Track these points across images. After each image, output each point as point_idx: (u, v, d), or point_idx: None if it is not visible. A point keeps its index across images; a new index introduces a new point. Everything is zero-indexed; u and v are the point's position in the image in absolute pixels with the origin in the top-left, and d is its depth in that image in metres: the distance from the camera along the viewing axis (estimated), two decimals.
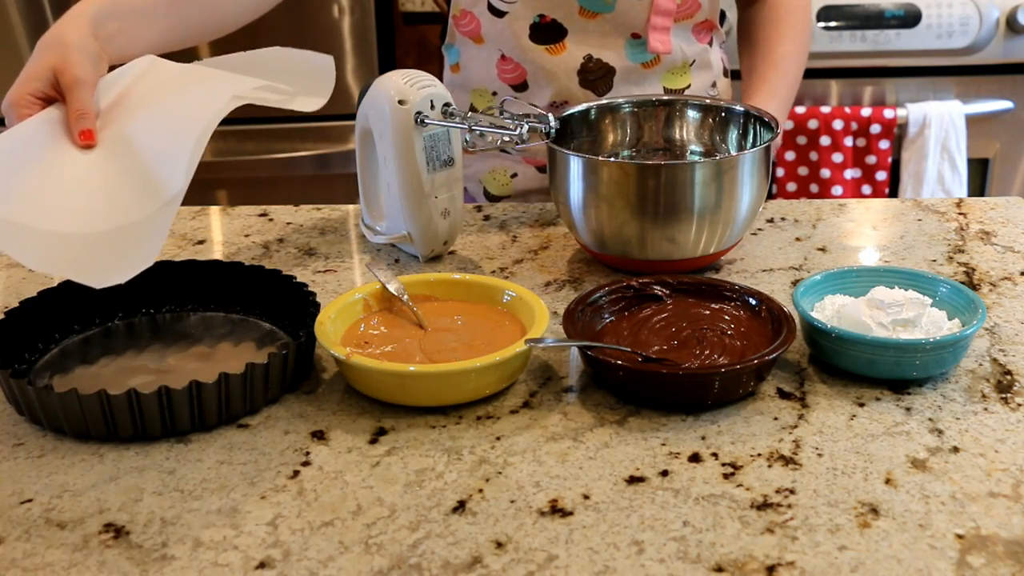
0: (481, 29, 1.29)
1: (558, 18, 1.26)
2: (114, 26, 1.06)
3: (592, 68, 1.28)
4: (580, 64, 1.28)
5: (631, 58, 1.28)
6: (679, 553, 0.70)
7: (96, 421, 0.82)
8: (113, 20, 1.06)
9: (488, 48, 1.31)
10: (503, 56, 1.30)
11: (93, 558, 0.71)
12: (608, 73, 1.29)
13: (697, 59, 1.33)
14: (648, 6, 1.26)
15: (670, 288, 0.99)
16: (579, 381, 0.91)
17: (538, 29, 1.27)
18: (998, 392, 0.88)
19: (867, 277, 0.99)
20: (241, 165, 2.29)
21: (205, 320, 1.01)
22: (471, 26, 1.30)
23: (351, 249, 1.20)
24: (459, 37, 1.33)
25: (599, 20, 1.26)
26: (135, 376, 0.91)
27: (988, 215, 1.26)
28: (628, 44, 1.28)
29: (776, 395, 0.88)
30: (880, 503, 0.74)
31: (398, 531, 0.73)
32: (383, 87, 1.09)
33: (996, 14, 2.22)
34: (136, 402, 0.81)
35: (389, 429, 0.85)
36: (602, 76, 1.29)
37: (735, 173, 1.05)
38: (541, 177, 1.36)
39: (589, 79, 1.29)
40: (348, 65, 2.27)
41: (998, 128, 2.31)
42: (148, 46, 1.11)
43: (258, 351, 0.95)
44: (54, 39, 1.01)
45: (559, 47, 1.27)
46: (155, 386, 0.81)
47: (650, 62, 1.29)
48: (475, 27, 1.30)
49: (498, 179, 1.37)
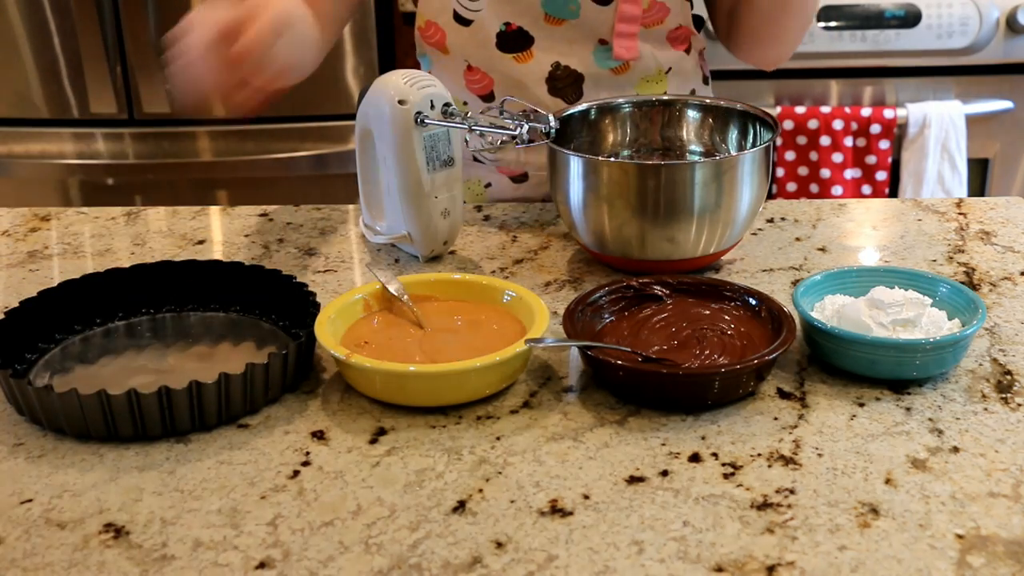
0: (446, 39, 1.28)
1: (524, 25, 1.25)
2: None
3: (560, 75, 1.27)
4: (548, 72, 1.26)
5: (599, 64, 1.27)
6: (679, 553, 0.70)
7: (96, 421, 0.82)
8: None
9: (454, 58, 1.29)
10: (469, 66, 1.29)
11: (93, 558, 0.71)
12: (577, 80, 1.27)
13: (674, 66, 1.31)
14: (613, 13, 1.24)
15: (670, 288, 0.99)
16: (579, 381, 0.91)
17: (504, 37, 1.26)
18: (998, 392, 0.88)
19: (867, 277, 0.99)
20: (241, 165, 2.29)
21: (205, 320, 1.01)
22: (436, 37, 1.29)
23: (351, 249, 1.20)
24: (427, 48, 1.33)
25: (565, 27, 1.25)
26: (135, 376, 0.91)
27: (988, 215, 1.26)
28: (596, 51, 1.26)
29: (776, 395, 0.88)
30: (880, 503, 0.74)
31: (398, 531, 0.73)
32: (383, 87, 1.09)
33: (996, 14, 2.22)
34: (136, 402, 0.81)
35: (389, 429, 0.85)
36: (571, 83, 1.27)
37: (735, 173, 1.05)
38: (515, 188, 1.35)
39: (558, 86, 1.27)
40: (348, 65, 2.27)
41: (998, 128, 2.31)
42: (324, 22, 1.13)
43: (258, 351, 0.95)
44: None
45: (526, 55, 1.26)
46: (155, 386, 0.81)
47: (619, 67, 1.28)
48: (440, 38, 1.29)
49: (472, 188, 1.36)
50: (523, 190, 1.35)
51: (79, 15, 2.21)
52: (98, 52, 2.23)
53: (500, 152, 1.32)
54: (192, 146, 2.30)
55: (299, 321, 0.94)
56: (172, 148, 2.30)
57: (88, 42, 2.23)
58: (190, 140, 2.30)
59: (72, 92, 2.27)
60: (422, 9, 1.29)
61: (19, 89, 2.28)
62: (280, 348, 0.87)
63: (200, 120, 2.29)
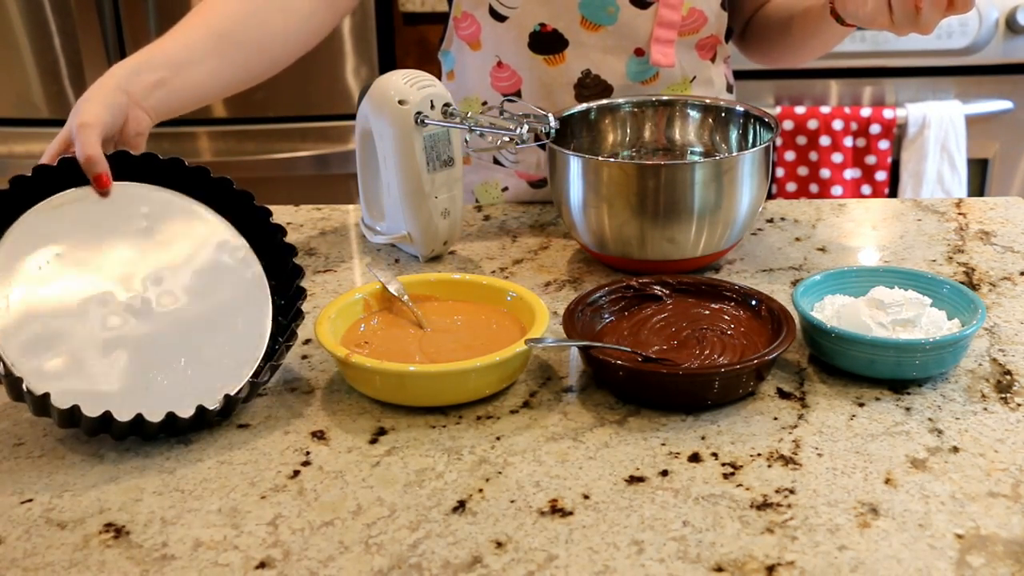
0: (480, 33, 1.28)
1: (559, 28, 1.25)
2: (151, 77, 1.06)
3: (589, 83, 1.26)
4: (577, 78, 1.26)
5: (631, 76, 1.26)
6: (679, 553, 0.70)
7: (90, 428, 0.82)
8: (148, 72, 1.07)
9: (484, 54, 1.29)
10: (499, 63, 1.28)
11: (93, 558, 0.71)
12: (605, 90, 1.26)
13: (698, 75, 1.31)
14: (652, 18, 1.23)
15: (670, 288, 0.99)
16: (579, 381, 0.91)
17: (538, 38, 1.25)
18: (998, 392, 0.88)
19: (867, 277, 0.99)
20: (241, 165, 2.29)
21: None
22: (471, 29, 1.29)
23: (351, 249, 1.20)
24: (456, 42, 1.32)
25: (601, 33, 1.24)
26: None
27: (988, 215, 1.26)
28: (631, 61, 1.25)
29: (776, 395, 0.88)
30: (880, 503, 0.74)
31: (398, 531, 0.73)
32: (383, 87, 1.09)
33: (996, 14, 2.22)
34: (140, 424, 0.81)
35: (389, 429, 0.85)
36: (599, 92, 1.26)
37: (735, 173, 1.05)
38: (532, 192, 1.35)
39: (585, 94, 1.26)
40: (348, 65, 2.27)
41: (998, 128, 2.31)
42: (197, 92, 1.11)
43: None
44: (76, 104, 1.01)
45: (558, 58, 1.26)
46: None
47: (649, 79, 1.27)
48: (475, 31, 1.28)
49: (490, 191, 1.36)
50: (541, 195, 1.34)
51: (79, 15, 2.21)
52: (98, 52, 2.23)
53: (521, 155, 1.32)
54: (192, 146, 2.31)
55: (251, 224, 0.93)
56: (172, 148, 2.29)
57: (88, 42, 2.23)
58: (190, 140, 2.30)
59: (72, 92, 2.27)
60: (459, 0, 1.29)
61: (19, 89, 2.28)
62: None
63: (200, 120, 2.29)
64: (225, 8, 1.15)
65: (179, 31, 1.12)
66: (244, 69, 1.16)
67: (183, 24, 1.13)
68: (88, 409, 0.80)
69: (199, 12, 1.14)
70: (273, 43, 1.18)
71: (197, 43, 1.11)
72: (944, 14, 1.03)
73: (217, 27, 1.13)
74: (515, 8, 1.24)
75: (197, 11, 1.14)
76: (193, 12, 1.14)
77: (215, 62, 1.12)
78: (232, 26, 1.14)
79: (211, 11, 1.14)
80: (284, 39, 1.18)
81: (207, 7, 1.15)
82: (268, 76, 1.19)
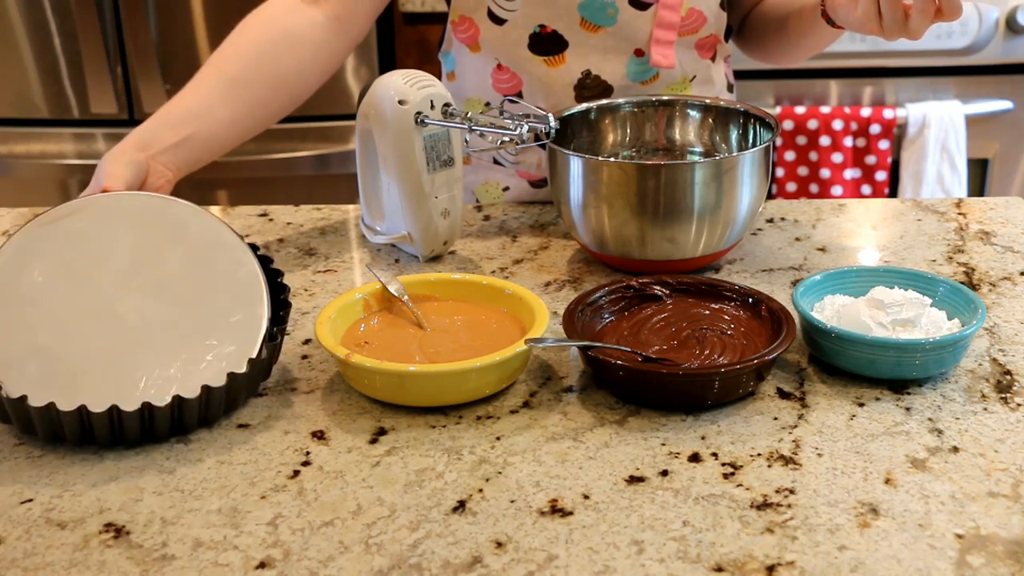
0: (479, 36, 1.28)
1: (559, 29, 1.24)
2: (170, 136, 1.09)
3: (589, 84, 1.26)
4: (578, 79, 1.26)
5: (631, 76, 1.26)
6: (679, 553, 0.70)
7: (75, 433, 0.82)
8: (165, 129, 1.09)
9: (484, 56, 1.29)
10: (499, 65, 1.28)
11: (93, 558, 0.71)
12: (605, 91, 1.26)
13: (698, 75, 1.31)
14: (651, 19, 1.24)
15: (670, 288, 0.99)
16: (579, 381, 0.91)
17: (538, 40, 1.25)
18: (998, 392, 0.88)
19: (867, 277, 0.99)
20: (241, 165, 2.29)
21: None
22: (469, 32, 1.29)
23: (351, 249, 1.20)
24: (456, 44, 1.32)
25: (601, 35, 1.24)
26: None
27: (988, 215, 1.26)
28: (631, 62, 1.26)
29: (776, 395, 0.88)
30: (880, 503, 0.74)
31: (398, 531, 0.73)
32: (383, 87, 1.09)
33: (996, 14, 2.22)
34: (118, 418, 0.81)
35: (389, 429, 0.85)
36: (599, 93, 1.26)
37: (735, 173, 1.05)
38: (533, 192, 1.35)
39: (585, 95, 1.26)
40: (348, 65, 2.27)
41: (998, 128, 2.31)
42: (219, 140, 1.14)
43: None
44: (98, 167, 1.04)
45: (558, 59, 1.26)
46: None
47: (649, 79, 1.27)
48: (473, 34, 1.28)
49: (491, 191, 1.36)
50: (541, 195, 1.34)
51: (79, 15, 2.21)
52: (98, 52, 2.23)
53: (522, 155, 1.32)
54: None
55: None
56: None
57: (88, 42, 2.23)
58: None
59: (72, 92, 2.27)
60: (456, 3, 1.29)
61: (19, 89, 2.28)
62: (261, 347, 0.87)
63: None
64: (235, 52, 1.17)
65: (193, 84, 1.15)
66: (262, 108, 1.18)
67: (197, 76, 1.16)
68: (68, 417, 0.80)
69: (212, 62, 1.17)
70: (287, 78, 1.19)
71: (211, 92, 1.14)
72: (932, 21, 1.03)
73: (229, 72, 1.16)
74: (514, 11, 1.24)
75: (210, 61, 1.17)
76: (207, 63, 1.17)
77: (232, 107, 1.15)
78: (243, 68, 1.17)
79: (223, 59, 1.17)
80: (298, 73, 1.20)
81: (219, 56, 1.17)
82: (290, 111, 1.21)
